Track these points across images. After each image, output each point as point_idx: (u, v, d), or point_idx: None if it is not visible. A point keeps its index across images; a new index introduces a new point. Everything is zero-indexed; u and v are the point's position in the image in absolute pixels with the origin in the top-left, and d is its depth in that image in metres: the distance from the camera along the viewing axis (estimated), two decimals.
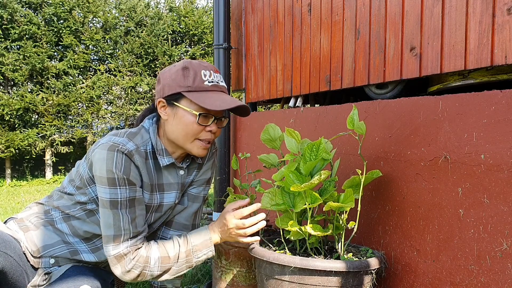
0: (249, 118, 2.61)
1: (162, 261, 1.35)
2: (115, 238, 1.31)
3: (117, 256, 1.32)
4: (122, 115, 8.63)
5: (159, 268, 1.35)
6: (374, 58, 1.74)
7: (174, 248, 1.38)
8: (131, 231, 1.32)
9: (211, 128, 1.37)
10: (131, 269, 1.32)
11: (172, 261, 1.37)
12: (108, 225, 1.31)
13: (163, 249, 1.37)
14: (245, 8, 2.77)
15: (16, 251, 1.32)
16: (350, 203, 1.34)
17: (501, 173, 1.22)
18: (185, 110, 1.34)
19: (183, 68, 1.35)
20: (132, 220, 1.33)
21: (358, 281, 1.33)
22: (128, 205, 1.32)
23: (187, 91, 1.33)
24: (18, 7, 7.70)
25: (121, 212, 1.31)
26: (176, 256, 1.37)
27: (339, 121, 1.86)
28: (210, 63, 1.45)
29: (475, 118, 1.29)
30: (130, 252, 1.32)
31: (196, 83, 1.33)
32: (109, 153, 1.29)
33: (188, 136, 1.36)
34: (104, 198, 1.30)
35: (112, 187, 1.29)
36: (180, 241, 1.41)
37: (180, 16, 9.07)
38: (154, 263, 1.34)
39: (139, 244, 1.34)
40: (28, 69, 7.75)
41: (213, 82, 1.36)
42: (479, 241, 1.28)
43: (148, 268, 1.34)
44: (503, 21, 1.26)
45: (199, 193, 1.56)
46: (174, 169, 1.46)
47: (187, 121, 1.34)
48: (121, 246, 1.32)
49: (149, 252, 1.34)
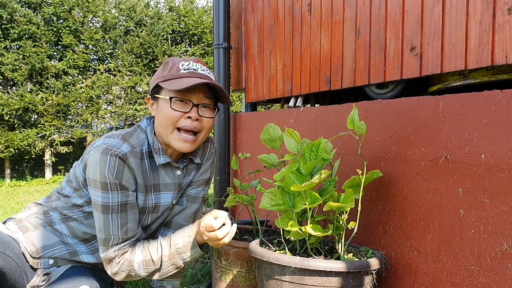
0: (249, 118, 2.61)
1: (146, 264, 1.37)
2: (104, 241, 1.34)
3: (105, 258, 1.36)
4: (121, 115, 8.62)
5: (144, 270, 1.37)
6: (375, 58, 1.74)
7: (157, 252, 1.38)
8: (120, 237, 1.34)
9: (190, 114, 1.34)
10: (117, 271, 1.36)
11: (157, 263, 1.38)
12: (100, 228, 1.34)
13: (147, 252, 1.38)
14: (245, 8, 2.77)
15: (15, 252, 1.31)
16: (350, 203, 1.33)
17: (502, 173, 1.22)
18: (162, 99, 1.36)
19: (164, 63, 1.40)
20: (122, 226, 1.33)
21: (359, 281, 1.33)
22: (120, 209, 1.32)
23: (162, 81, 1.35)
24: (17, 7, 7.70)
25: (111, 217, 1.31)
26: (159, 259, 1.38)
27: (339, 121, 1.86)
28: (197, 58, 1.46)
29: (476, 118, 1.29)
30: (117, 256, 1.35)
31: (172, 72, 1.36)
32: (103, 156, 1.28)
33: (167, 125, 1.35)
34: (96, 201, 1.31)
35: (104, 191, 1.29)
36: (163, 244, 1.39)
37: (180, 16, 9.07)
38: (138, 266, 1.36)
39: (126, 248, 1.36)
40: (28, 69, 7.75)
41: (189, 69, 1.36)
42: (480, 241, 1.28)
43: (133, 271, 1.36)
44: (503, 21, 1.26)
45: (198, 194, 1.56)
46: (171, 169, 1.45)
47: (164, 109, 1.35)
48: (109, 250, 1.34)
49: (132, 256, 1.36)
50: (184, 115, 1.34)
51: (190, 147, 1.37)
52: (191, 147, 1.38)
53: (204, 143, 1.54)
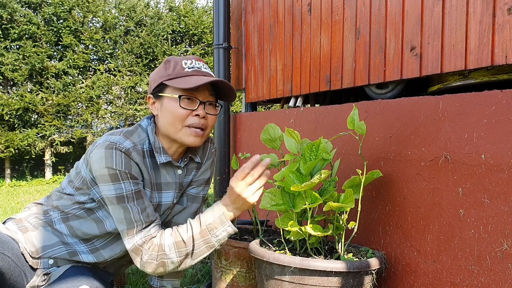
0: (249, 118, 2.61)
1: (178, 247, 1.31)
2: (128, 231, 1.31)
3: (134, 249, 1.31)
4: (121, 115, 8.62)
5: (177, 254, 1.31)
6: (374, 58, 1.74)
7: (187, 232, 1.33)
8: (143, 221, 1.31)
9: (198, 112, 1.36)
10: (148, 260, 1.30)
11: (188, 244, 1.31)
12: (120, 220, 1.31)
13: (177, 234, 1.33)
14: (245, 8, 2.77)
15: (14, 252, 1.31)
16: (350, 203, 1.33)
17: (502, 173, 1.22)
18: (169, 98, 1.36)
19: (165, 62, 1.40)
20: (142, 210, 1.32)
21: (358, 281, 1.33)
22: (135, 197, 1.32)
23: (167, 79, 1.36)
24: (17, 7, 7.70)
25: (129, 205, 1.30)
26: (191, 239, 1.31)
27: (339, 121, 1.86)
28: (197, 56, 1.48)
29: (476, 118, 1.29)
30: (145, 243, 1.30)
31: (176, 70, 1.36)
32: (107, 151, 1.29)
33: (176, 124, 1.36)
34: (109, 195, 1.30)
35: (115, 183, 1.29)
36: (193, 223, 1.34)
37: (180, 16, 9.07)
38: (169, 249, 1.30)
39: (153, 233, 1.32)
40: (28, 69, 7.75)
41: (194, 68, 1.38)
42: (480, 241, 1.28)
43: (165, 256, 1.30)
44: (503, 21, 1.26)
45: (199, 193, 1.56)
46: (172, 168, 1.46)
47: (171, 107, 1.36)
48: (135, 237, 1.31)
49: (162, 239, 1.31)
50: (192, 113, 1.36)
51: (200, 141, 1.40)
52: (201, 141, 1.40)
53: (204, 143, 1.55)
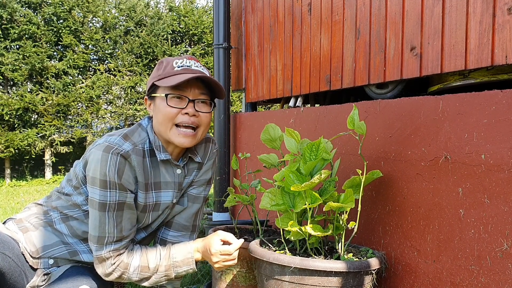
0: (249, 118, 2.61)
1: (142, 270, 1.38)
2: (99, 239, 1.33)
3: (99, 257, 1.35)
4: (121, 115, 8.62)
5: (137, 276, 1.39)
6: (375, 58, 1.74)
7: (155, 260, 1.40)
8: (115, 235, 1.34)
9: (187, 110, 1.36)
10: (111, 272, 1.36)
11: (152, 272, 1.40)
12: (94, 226, 1.33)
13: (145, 259, 1.39)
14: (245, 8, 2.77)
15: (14, 252, 1.32)
16: (350, 203, 1.33)
17: (502, 173, 1.22)
18: (159, 98, 1.37)
19: (159, 63, 1.42)
20: (117, 224, 1.34)
21: (358, 281, 1.33)
22: (116, 208, 1.33)
23: (157, 80, 1.37)
24: (17, 7, 7.69)
25: (108, 215, 1.32)
26: (156, 268, 1.40)
27: (339, 121, 1.86)
28: (190, 55, 1.48)
29: (476, 118, 1.29)
30: (111, 257, 1.35)
31: (166, 70, 1.37)
32: (104, 154, 1.29)
33: (166, 123, 1.36)
34: (94, 198, 1.31)
35: (102, 189, 1.30)
36: (163, 254, 1.42)
37: (180, 16, 9.07)
38: (133, 270, 1.37)
39: (121, 250, 1.36)
40: (28, 69, 7.74)
41: (183, 66, 1.37)
42: (480, 241, 1.28)
43: (127, 273, 1.37)
44: (503, 21, 1.26)
45: (200, 194, 1.56)
46: (171, 167, 1.46)
47: (161, 106, 1.36)
48: (103, 249, 1.34)
49: (130, 259, 1.37)
50: (181, 111, 1.36)
51: (190, 142, 1.38)
52: (192, 141, 1.39)
53: (205, 143, 1.55)
